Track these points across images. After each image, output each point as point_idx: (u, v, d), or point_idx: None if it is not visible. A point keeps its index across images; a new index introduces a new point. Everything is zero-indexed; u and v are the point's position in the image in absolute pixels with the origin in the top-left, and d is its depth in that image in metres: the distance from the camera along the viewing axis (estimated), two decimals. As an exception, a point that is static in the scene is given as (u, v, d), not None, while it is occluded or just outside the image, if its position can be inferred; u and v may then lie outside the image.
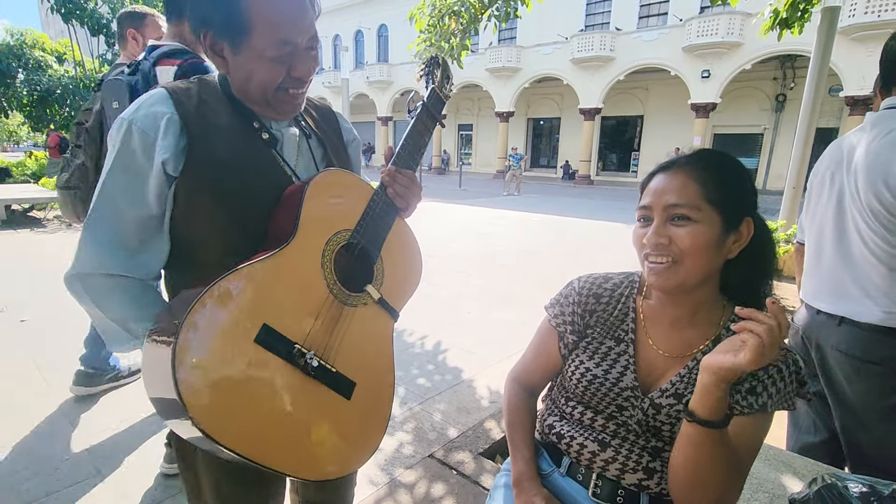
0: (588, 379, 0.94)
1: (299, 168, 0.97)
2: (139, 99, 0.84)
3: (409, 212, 1.04)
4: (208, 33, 0.83)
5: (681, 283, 0.84)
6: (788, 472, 1.32)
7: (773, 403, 0.83)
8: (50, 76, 11.40)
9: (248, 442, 0.71)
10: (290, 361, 0.78)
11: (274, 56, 0.82)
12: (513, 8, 4.35)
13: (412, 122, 1.04)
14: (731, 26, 16.41)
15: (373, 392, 0.91)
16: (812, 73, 5.05)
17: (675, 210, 0.83)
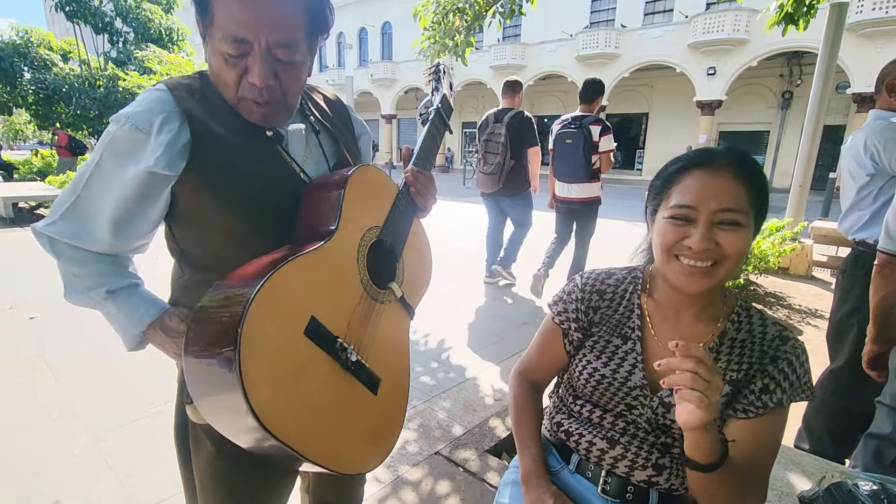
0: (596, 379, 0.94)
1: (308, 164, 0.94)
2: (141, 94, 0.82)
3: (426, 212, 1.06)
4: (199, 21, 0.79)
5: (716, 284, 0.83)
6: (797, 470, 1.31)
7: (788, 397, 0.83)
8: (55, 74, 11.43)
9: (299, 436, 0.70)
10: (332, 355, 0.78)
11: (228, 52, 0.75)
12: (517, 5, 4.34)
13: (427, 127, 1.08)
14: (738, 23, 16.29)
15: (395, 389, 0.93)
16: (819, 69, 5.01)
17: (727, 215, 0.79)
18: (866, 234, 1.85)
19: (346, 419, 0.81)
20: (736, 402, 0.85)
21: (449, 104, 1.12)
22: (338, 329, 0.79)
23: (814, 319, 3.90)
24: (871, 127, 1.83)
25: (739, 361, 0.87)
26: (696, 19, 17.19)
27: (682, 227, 0.82)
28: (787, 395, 0.83)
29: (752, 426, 0.83)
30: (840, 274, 2.00)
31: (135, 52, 11.56)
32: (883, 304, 1.50)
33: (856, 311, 1.85)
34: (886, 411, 1.42)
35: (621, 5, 19.95)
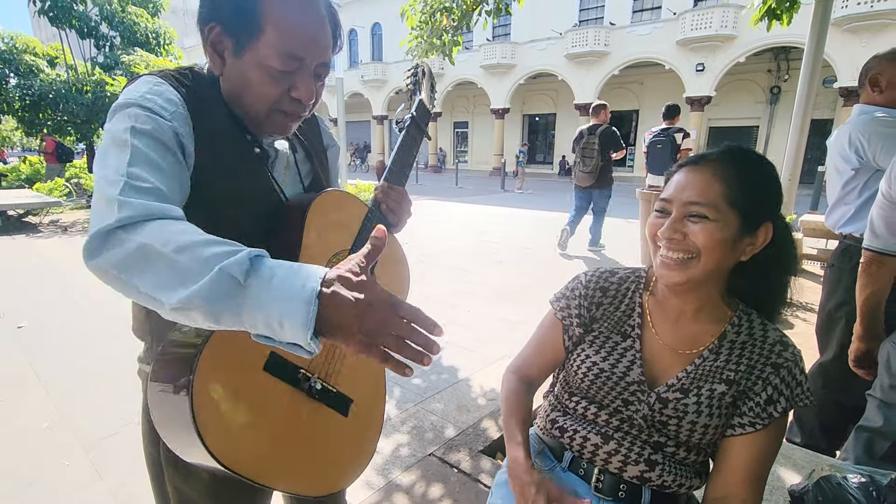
0: (595, 373, 0.94)
1: (286, 184, 0.93)
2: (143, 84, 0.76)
3: (399, 227, 1.04)
4: (215, 28, 0.77)
5: (690, 279, 0.84)
6: (788, 464, 1.32)
7: (790, 404, 0.84)
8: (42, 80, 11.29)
9: (260, 468, 0.73)
10: (295, 386, 0.79)
11: (276, 68, 0.77)
12: (504, 4, 4.34)
13: (401, 137, 1.03)
14: (725, 19, 16.41)
15: (368, 406, 0.96)
16: (806, 64, 5.05)
17: (693, 208, 0.82)
18: (852, 228, 1.87)
19: (314, 444, 0.83)
20: (740, 415, 0.86)
21: (426, 110, 1.08)
22: (301, 360, 0.80)
23: (804, 313, 3.93)
24: (856, 121, 1.84)
25: (738, 362, 0.87)
26: (683, 16, 17.29)
27: (660, 219, 0.87)
28: (789, 403, 0.84)
29: (756, 440, 0.84)
30: (828, 267, 2.02)
31: (122, 57, 11.43)
32: (869, 302, 1.51)
33: (843, 304, 1.86)
34: (877, 404, 1.43)
35: (609, 3, 20.04)
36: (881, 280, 1.47)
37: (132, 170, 0.66)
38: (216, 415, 0.68)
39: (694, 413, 0.86)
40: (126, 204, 0.61)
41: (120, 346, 0.77)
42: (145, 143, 0.69)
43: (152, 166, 0.68)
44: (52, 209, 8.62)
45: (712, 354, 0.88)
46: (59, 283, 4.66)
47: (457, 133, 29.25)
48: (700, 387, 0.87)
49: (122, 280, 0.58)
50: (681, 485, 0.90)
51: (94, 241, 0.59)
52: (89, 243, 0.60)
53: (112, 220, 0.59)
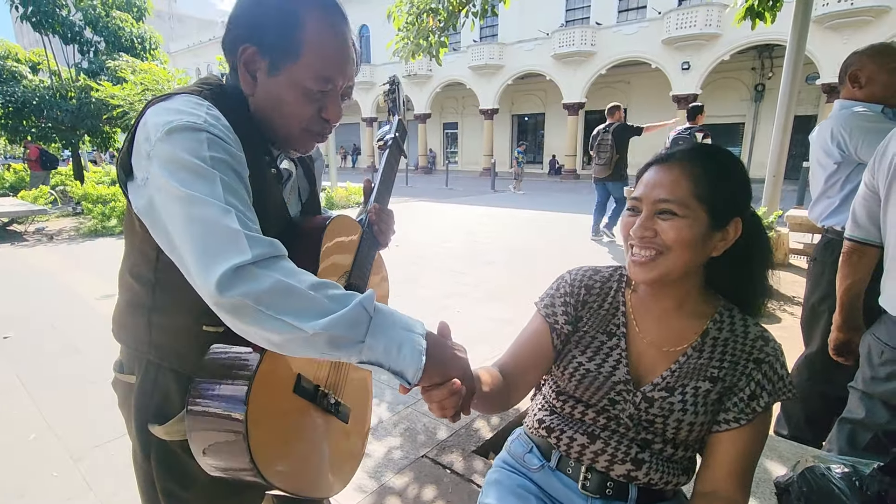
0: (581, 374, 0.95)
1: (290, 203, 0.96)
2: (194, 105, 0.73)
3: (386, 245, 1.10)
4: (249, 48, 0.78)
5: (661, 275, 0.85)
6: (774, 456, 1.34)
7: (773, 399, 0.86)
8: (24, 87, 11.13)
9: (294, 481, 0.83)
10: (314, 403, 0.88)
11: (312, 89, 0.80)
12: (490, 5, 4.36)
13: (385, 158, 1.07)
14: (709, 18, 16.60)
15: (360, 412, 1.05)
16: (788, 62, 5.12)
17: (662, 205, 0.84)
18: (835, 221, 1.90)
19: (332, 452, 0.94)
20: (725, 411, 0.87)
21: (404, 128, 1.12)
22: (319, 378, 0.90)
23: (791, 306, 3.99)
24: (837, 116, 1.87)
25: (721, 359, 0.88)
26: (668, 15, 17.46)
27: (632, 217, 0.88)
28: (772, 398, 0.85)
29: (742, 435, 0.85)
30: (811, 261, 2.05)
31: (107, 62, 11.29)
32: (849, 292, 1.53)
33: (827, 297, 1.88)
34: (858, 396, 1.45)
35: (595, 3, 20.19)
36: (861, 270, 1.50)
37: (233, 200, 0.66)
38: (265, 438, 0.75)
39: (680, 411, 0.87)
40: (257, 241, 0.64)
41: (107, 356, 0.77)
42: (231, 178, 0.69)
43: (241, 199, 0.69)
44: (38, 217, 8.49)
45: (696, 352, 0.90)
46: (45, 293, 4.59)
47: (446, 134, 29.28)
48: (685, 385, 0.88)
49: (258, 311, 0.61)
50: (667, 482, 0.91)
51: (225, 276, 0.61)
52: (222, 278, 0.60)
53: (248, 257, 0.62)
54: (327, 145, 17.95)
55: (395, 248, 6.53)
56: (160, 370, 0.85)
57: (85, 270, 5.38)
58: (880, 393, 1.36)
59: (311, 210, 1.04)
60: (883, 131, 1.40)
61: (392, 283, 1.26)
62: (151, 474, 0.90)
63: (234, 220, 0.64)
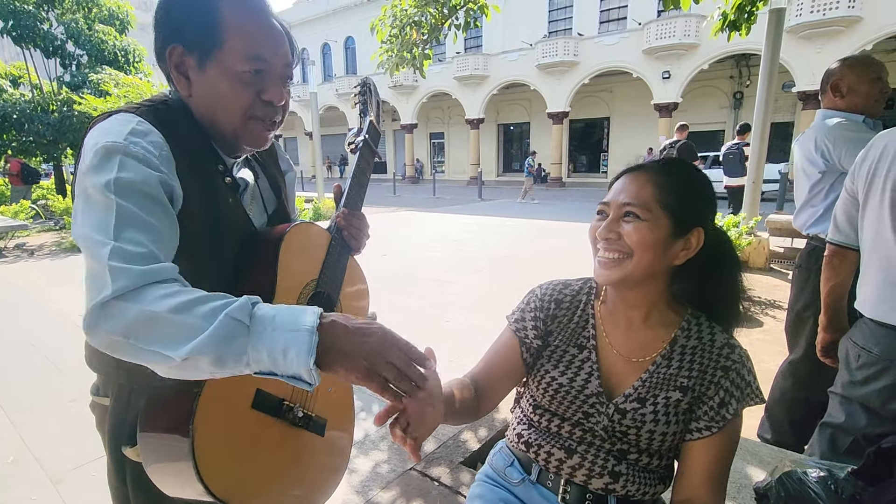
0: (554, 388, 0.96)
1: (253, 213, 0.93)
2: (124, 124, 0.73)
3: (360, 250, 1.06)
4: (176, 49, 0.79)
5: (624, 277, 0.87)
6: (754, 462, 1.36)
7: (741, 405, 0.87)
8: (5, 100, 10.98)
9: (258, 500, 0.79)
10: (280, 417, 0.83)
11: (244, 72, 0.78)
12: (473, 18, 4.41)
13: (357, 160, 1.04)
14: (688, 28, 16.97)
15: (341, 424, 1.01)
16: (764, 71, 5.26)
17: (627, 208, 0.87)
18: (819, 229, 1.93)
19: (300, 467, 0.89)
20: (696, 420, 0.88)
21: (376, 130, 1.09)
22: (284, 392, 0.85)
23: (772, 310, 4.05)
24: (820, 126, 1.92)
25: (690, 368, 0.90)
26: (648, 26, 17.82)
27: (600, 221, 0.91)
28: (741, 404, 0.87)
29: (714, 442, 0.87)
30: (796, 268, 2.08)
31: (90, 75, 11.19)
32: (833, 294, 1.57)
33: (811, 304, 1.92)
34: (838, 400, 1.48)
35: (577, 15, 20.53)
36: (843, 273, 1.54)
37: (122, 232, 0.65)
38: (216, 458, 0.72)
39: (651, 422, 0.88)
40: (120, 272, 0.62)
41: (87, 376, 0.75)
42: (133, 201, 0.68)
43: (140, 226, 0.67)
44: (18, 232, 8.34)
45: (665, 360, 0.91)
46: (26, 310, 4.50)
47: (433, 144, 29.40)
48: (656, 395, 0.89)
49: (130, 344, 0.60)
50: (644, 493, 0.92)
51: (92, 314, 0.61)
52: (88, 316, 0.61)
53: (108, 292, 0.61)
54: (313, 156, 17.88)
55: (382, 258, 6.51)
56: (132, 393, 0.85)
57: (66, 286, 5.28)
58: (859, 397, 1.39)
59: (279, 221, 1.01)
60: (865, 140, 1.44)
61: (380, 292, 1.25)
62: (128, 497, 0.89)
63: (104, 254, 0.63)
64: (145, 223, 0.68)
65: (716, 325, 0.93)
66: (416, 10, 4.27)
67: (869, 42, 13.69)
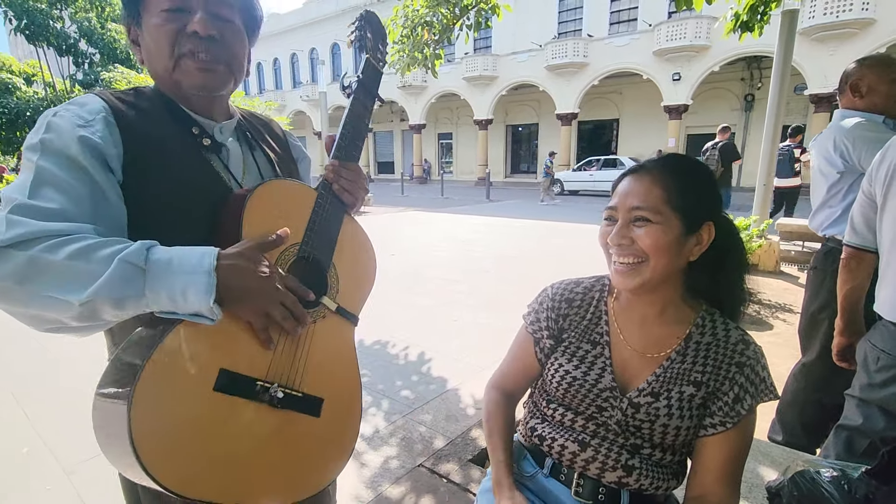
0: (568, 381, 0.96)
1: (246, 182, 0.91)
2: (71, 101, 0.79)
3: (357, 207, 0.96)
4: (130, 26, 0.82)
5: (643, 282, 0.87)
6: (766, 462, 1.35)
7: (756, 401, 0.88)
8: (18, 98, 11.15)
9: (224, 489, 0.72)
10: (254, 399, 0.76)
11: (161, 11, 0.78)
12: (484, 18, 4.43)
13: (349, 105, 0.93)
14: (699, 30, 16.87)
15: (342, 401, 0.91)
16: (776, 73, 5.22)
17: (636, 212, 0.87)
18: (836, 230, 1.91)
19: (288, 451, 0.81)
20: (710, 415, 0.89)
21: (374, 68, 0.95)
22: (258, 370, 0.77)
23: (783, 313, 4.02)
24: (839, 126, 1.89)
25: (704, 363, 0.90)
26: (659, 27, 17.73)
27: (609, 227, 0.91)
28: (755, 400, 0.87)
29: (728, 438, 0.87)
30: (811, 270, 2.06)
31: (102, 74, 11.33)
32: (850, 297, 1.56)
33: (826, 306, 1.90)
34: (856, 403, 1.46)
35: (587, 16, 20.46)
36: (860, 276, 1.52)
37: (37, 191, 0.67)
38: (158, 437, 0.65)
39: (665, 416, 0.89)
40: (17, 223, 0.63)
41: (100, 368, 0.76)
42: (53, 161, 0.70)
43: (57, 185, 0.69)
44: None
45: (679, 356, 0.92)
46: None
47: (441, 144, 29.42)
48: (670, 389, 0.90)
49: (24, 290, 0.62)
50: (657, 487, 0.92)
51: None
52: None
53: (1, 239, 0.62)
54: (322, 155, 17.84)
55: (391, 257, 6.54)
56: None
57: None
58: (877, 399, 1.37)
59: None
60: (884, 141, 1.43)
61: (388, 291, 1.23)
62: (136, 488, 0.89)
63: (9, 206, 0.66)
64: (62, 184, 0.69)
65: (730, 322, 0.93)
66: (428, 11, 4.28)
67: (883, 45, 13.53)
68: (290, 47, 30.88)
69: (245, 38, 0.88)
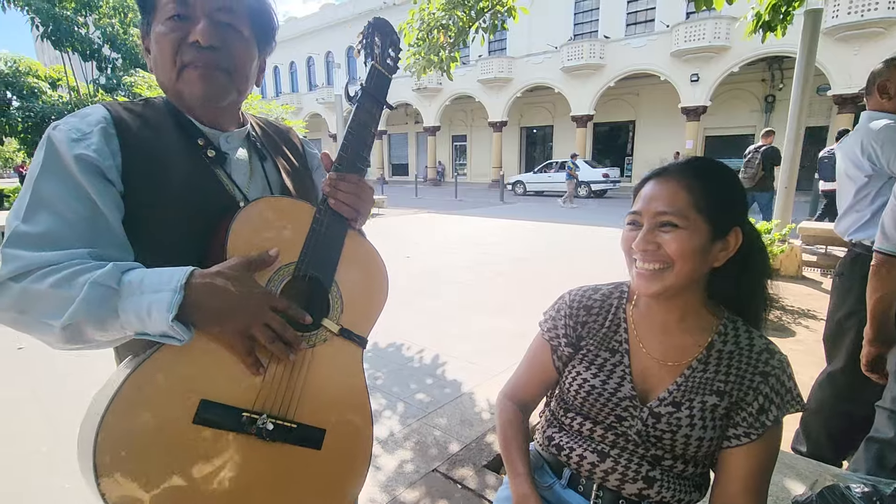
0: (586, 390, 0.94)
1: (251, 193, 0.88)
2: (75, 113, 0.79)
3: (360, 222, 0.90)
4: (144, 33, 0.83)
5: (666, 288, 0.85)
6: (792, 474, 1.31)
7: (782, 412, 0.85)
8: (44, 102, 11.46)
9: None
10: (240, 432, 0.70)
11: (166, 19, 0.77)
12: (500, 20, 4.41)
13: (353, 114, 0.89)
14: (718, 30, 16.63)
15: (348, 431, 0.84)
16: (798, 74, 5.12)
17: (663, 217, 0.84)
18: (864, 235, 1.85)
19: (281, 489, 0.75)
20: (734, 426, 0.86)
21: (381, 74, 0.92)
22: (242, 400, 0.71)
23: (806, 319, 3.93)
24: (866, 129, 1.84)
25: (727, 372, 0.87)
26: (677, 28, 17.52)
27: (633, 232, 0.89)
28: (781, 411, 0.85)
29: (753, 450, 0.85)
30: (837, 276, 2.00)
31: (124, 78, 11.59)
32: (880, 305, 1.50)
33: (854, 314, 1.84)
34: (887, 415, 1.41)
35: (604, 17, 20.32)
36: (891, 283, 1.47)
37: (31, 213, 0.69)
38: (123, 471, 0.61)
39: (687, 426, 0.86)
40: (12, 258, 0.66)
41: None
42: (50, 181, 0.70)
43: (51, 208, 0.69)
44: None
45: (700, 365, 0.89)
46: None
47: (455, 146, 29.44)
48: (692, 399, 0.87)
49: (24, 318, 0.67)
50: (679, 500, 0.90)
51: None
52: None
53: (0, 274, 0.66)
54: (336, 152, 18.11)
55: (405, 260, 6.55)
56: None
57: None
58: None
59: None
60: None
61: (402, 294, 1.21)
62: None
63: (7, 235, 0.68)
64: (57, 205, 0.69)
65: (753, 330, 0.91)
66: (444, 14, 4.28)
67: (910, 44, 13.21)
68: (307, 50, 31.21)
69: (252, 48, 0.85)
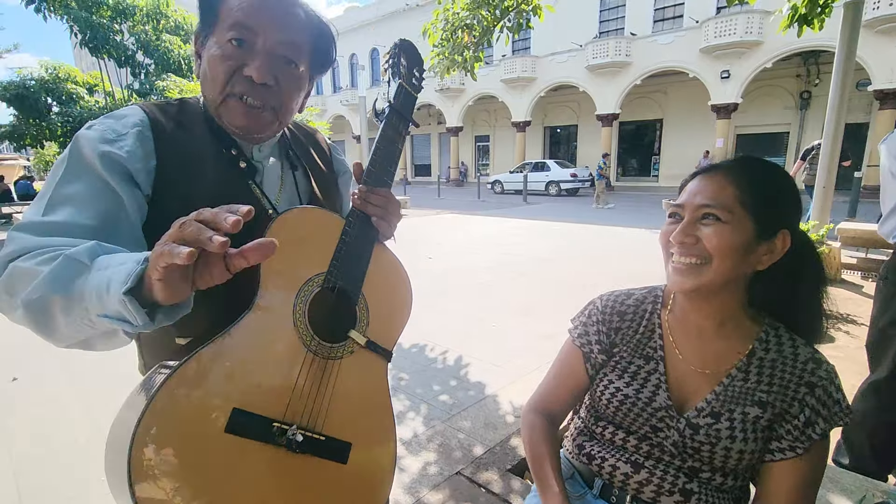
0: (619, 399, 0.91)
1: (281, 203, 0.89)
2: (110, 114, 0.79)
3: (389, 235, 0.91)
4: (198, 34, 0.82)
5: (702, 285, 0.81)
6: (836, 489, 1.25)
7: (830, 425, 0.80)
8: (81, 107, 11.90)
9: None
10: (269, 442, 0.70)
11: (226, 42, 0.75)
12: (525, 19, 4.37)
13: (380, 130, 0.90)
14: (750, 25, 16.14)
15: (372, 445, 0.84)
16: (837, 69, 4.92)
17: (705, 209, 0.81)
18: None
19: (308, 500, 0.75)
20: (778, 439, 0.82)
21: (408, 93, 0.94)
22: (273, 410, 0.71)
23: (846, 325, 3.76)
24: None
25: (770, 382, 0.83)
26: (706, 24, 17.08)
27: (672, 225, 0.85)
28: (828, 424, 0.80)
29: (798, 465, 0.80)
30: (881, 280, 1.91)
31: (156, 83, 11.94)
32: None
33: None
34: None
35: (630, 14, 19.97)
36: None
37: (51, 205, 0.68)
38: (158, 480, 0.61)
39: (728, 438, 0.82)
40: (12, 240, 0.66)
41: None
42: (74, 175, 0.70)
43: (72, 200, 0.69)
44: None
45: (741, 373, 0.85)
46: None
47: (478, 147, 29.39)
48: (732, 410, 0.83)
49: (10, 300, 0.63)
50: None
51: None
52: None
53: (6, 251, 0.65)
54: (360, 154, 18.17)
55: (428, 261, 6.55)
56: None
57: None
58: None
59: None
60: None
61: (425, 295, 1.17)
62: None
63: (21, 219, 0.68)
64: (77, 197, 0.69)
65: (797, 338, 0.86)
66: (468, 14, 4.27)
67: (957, 36, 12.57)
68: (332, 53, 31.55)
69: (305, 83, 0.85)
